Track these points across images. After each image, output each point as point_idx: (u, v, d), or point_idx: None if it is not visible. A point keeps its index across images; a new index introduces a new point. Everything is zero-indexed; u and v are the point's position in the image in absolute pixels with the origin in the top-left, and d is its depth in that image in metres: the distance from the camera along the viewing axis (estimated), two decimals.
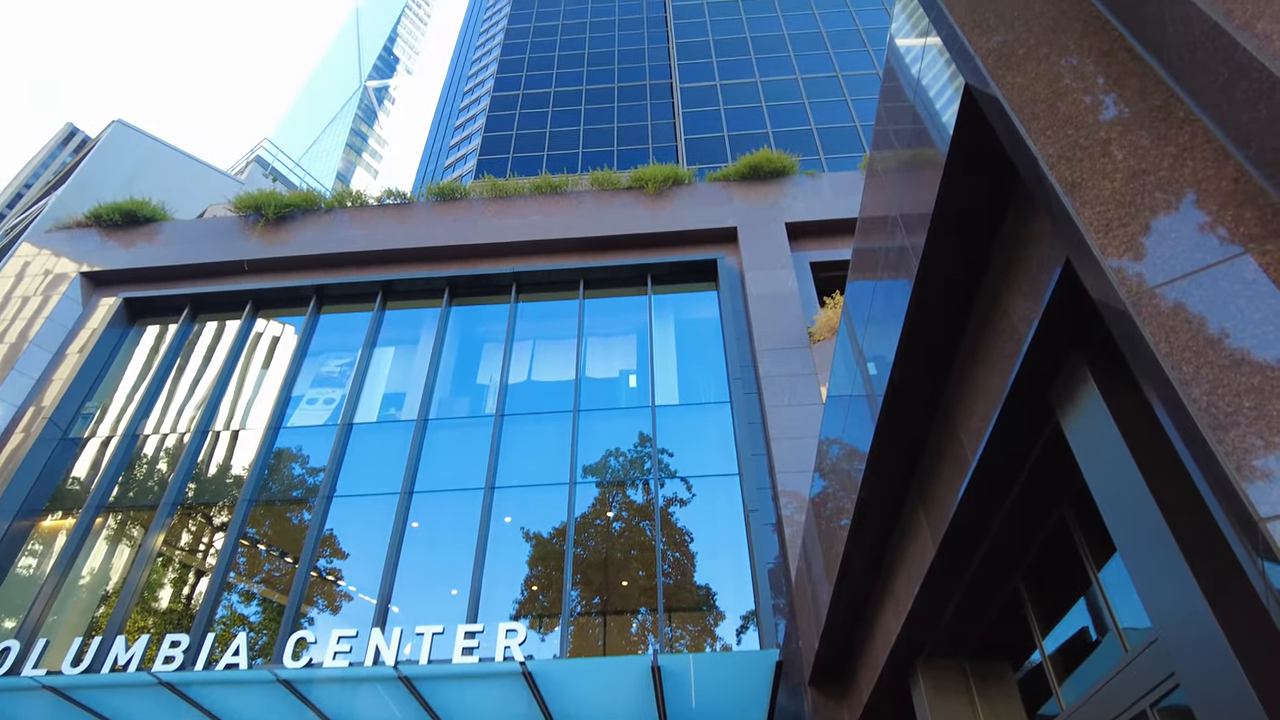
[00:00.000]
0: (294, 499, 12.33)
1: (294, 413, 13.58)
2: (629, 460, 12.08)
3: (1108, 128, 2.30)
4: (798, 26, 32.50)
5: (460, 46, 69.01)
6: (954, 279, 4.46)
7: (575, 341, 13.94)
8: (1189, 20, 2.03)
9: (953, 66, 3.43)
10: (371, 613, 10.09)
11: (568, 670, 7.79)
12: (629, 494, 11.72)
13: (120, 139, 20.86)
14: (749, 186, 15.73)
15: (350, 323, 14.95)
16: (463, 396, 13.84)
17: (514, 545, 11.20)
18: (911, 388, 5.14)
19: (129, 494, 12.93)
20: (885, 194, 5.22)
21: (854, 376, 6.36)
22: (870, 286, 6.16)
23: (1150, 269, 2.00)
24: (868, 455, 5.53)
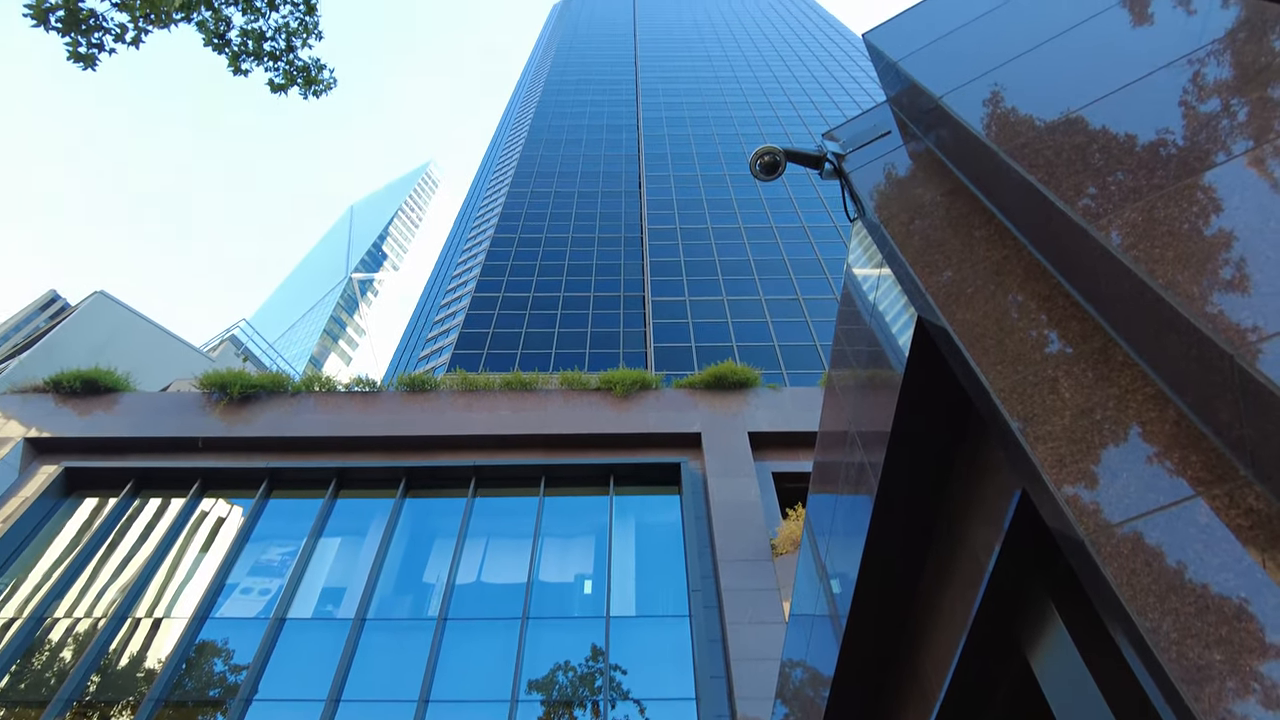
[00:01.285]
0: (210, 700, 11.15)
1: (225, 602, 12.66)
2: (579, 676, 11.27)
3: (1054, 365, 2.42)
4: (762, 254, 35.15)
5: (447, 249, 73.01)
6: (914, 499, 4.47)
7: (531, 541, 13.49)
8: (1118, 276, 2.21)
9: (904, 298, 3.66)
10: None
11: None
12: (576, 715, 10.80)
13: (98, 309, 21.10)
14: (714, 395, 16.12)
15: (300, 509, 14.40)
16: (406, 595, 13.09)
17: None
18: (876, 609, 4.97)
19: (19, 685, 11.62)
20: (845, 411, 5.36)
21: (817, 594, 6.17)
22: (832, 501, 6.16)
23: (1107, 506, 2.01)
24: (832, 680, 5.22)
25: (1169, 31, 2.94)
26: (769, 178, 4.19)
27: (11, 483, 14.86)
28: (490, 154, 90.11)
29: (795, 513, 13.08)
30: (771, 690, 10.36)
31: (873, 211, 3.76)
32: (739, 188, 43.38)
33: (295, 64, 6.37)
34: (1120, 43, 3.02)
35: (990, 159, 2.93)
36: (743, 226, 38.25)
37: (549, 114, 62.05)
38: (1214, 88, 2.45)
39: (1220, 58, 2.55)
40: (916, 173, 3.80)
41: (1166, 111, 2.51)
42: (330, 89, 6.67)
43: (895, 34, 4.15)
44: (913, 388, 3.75)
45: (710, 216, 39.83)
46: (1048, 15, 3.52)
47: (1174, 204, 2.17)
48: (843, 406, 5.66)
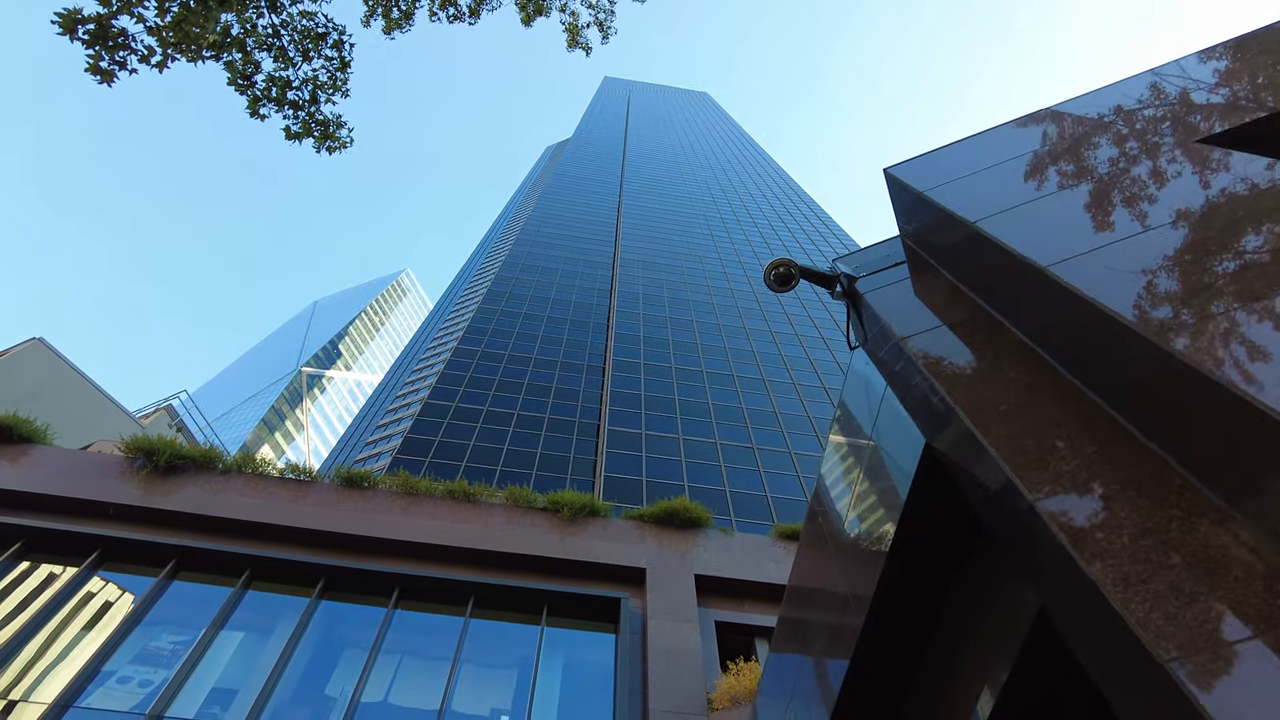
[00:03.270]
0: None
1: (96, 690, 11.26)
2: None
3: (1105, 484, 2.29)
4: (721, 399, 35.51)
5: (404, 357, 72.59)
6: (897, 647, 4.21)
7: (447, 664, 12.47)
8: (1182, 389, 2.12)
9: (916, 418, 3.56)
10: None
11: None
12: None
13: (32, 355, 20.02)
14: (663, 531, 15.64)
15: (206, 595, 13.19)
16: (305, 707, 11.83)
17: None
18: None
19: None
20: (824, 560, 5.13)
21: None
22: (796, 661, 5.82)
23: (1191, 627, 1.82)
24: None
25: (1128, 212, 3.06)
26: (782, 289, 4.17)
27: None
28: (465, 270, 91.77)
29: (736, 667, 12.38)
30: None
31: (889, 331, 3.72)
32: (705, 334, 44.42)
33: (316, 117, 6.36)
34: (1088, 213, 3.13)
35: (1028, 277, 2.92)
36: (705, 370, 38.82)
37: (530, 241, 63.85)
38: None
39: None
40: (935, 298, 3.81)
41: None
42: (346, 147, 6.62)
43: (918, 171, 4.29)
44: (918, 508, 3.59)
45: (675, 357, 40.43)
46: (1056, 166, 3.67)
47: (1242, 322, 2.13)
48: (820, 556, 5.45)
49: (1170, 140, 3.50)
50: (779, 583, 14.82)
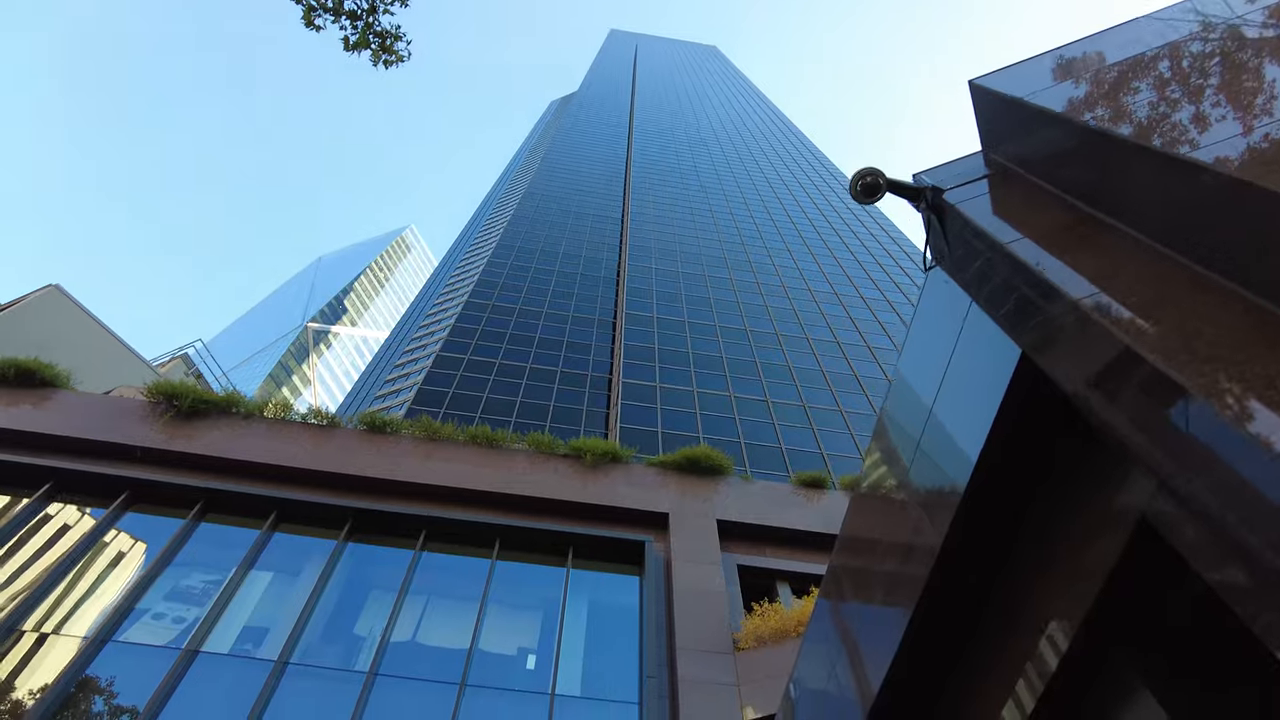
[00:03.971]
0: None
1: (132, 626, 11.42)
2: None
3: (1265, 364, 2.19)
4: (735, 353, 35.41)
5: (411, 312, 72.46)
6: (967, 583, 4.16)
7: (477, 605, 12.60)
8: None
9: (1013, 328, 3.46)
10: None
11: None
12: None
13: (49, 303, 19.98)
14: (684, 478, 15.68)
15: (234, 537, 13.31)
16: (336, 644, 12.01)
17: None
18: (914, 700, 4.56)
19: None
20: (894, 504, 5.06)
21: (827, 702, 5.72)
22: (855, 609, 5.82)
23: None
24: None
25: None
26: (868, 200, 4.04)
27: None
28: (470, 227, 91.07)
29: (760, 608, 12.50)
30: None
31: (987, 238, 3.60)
32: (717, 289, 44.16)
33: (374, 28, 6.13)
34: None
35: (1157, 171, 2.79)
36: (718, 325, 38.66)
37: (538, 196, 63.19)
38: None
39: None
40: (1031, 204, 3.68)
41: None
42: (403, 61, 6.40)
43: (1008, 80, 4.12)
44: (1006, 423, 3.51)
45: (688, 311, 40.24)
46: None
47: None
48: (882, 500, 5.39)
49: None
50: (800, 528, 14.91)
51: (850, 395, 32.88)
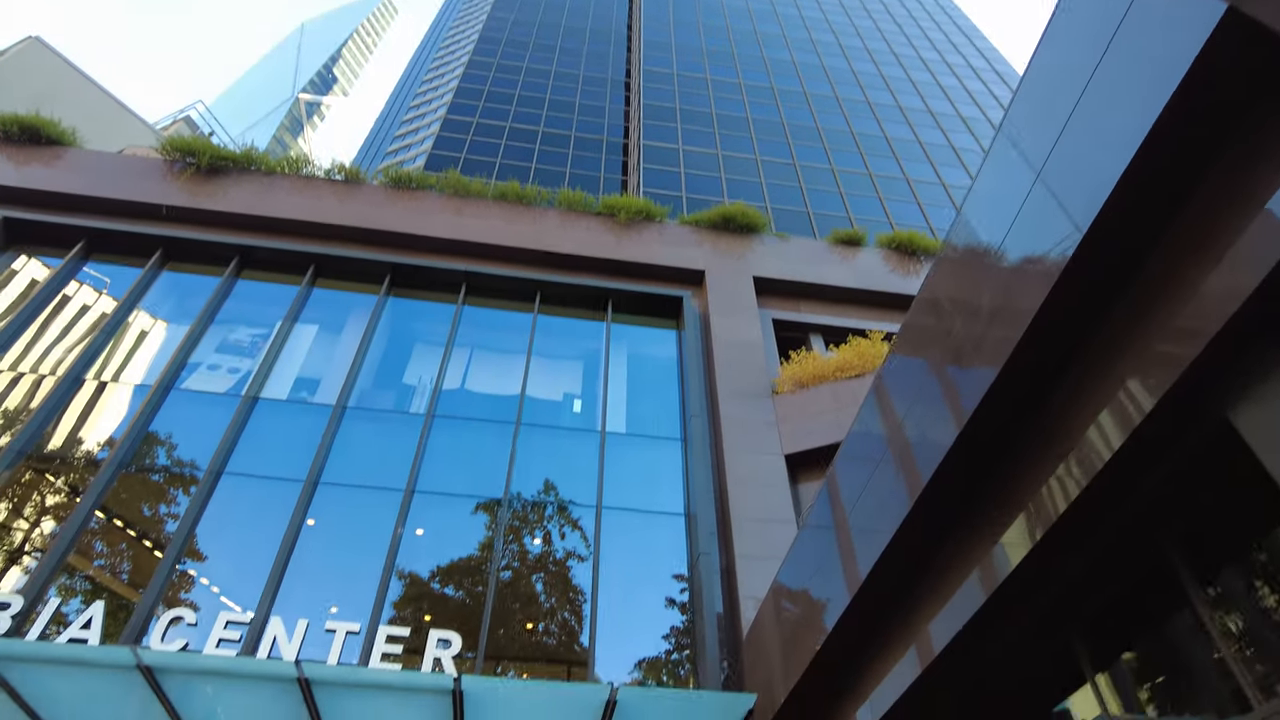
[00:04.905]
0: (177, 469, 10.48)
1: (190, 376, 11.79)
2: (570, 484, 10.99)
3: None
4: (761, 114, 33.62)
5: (409, 73, 68.13)
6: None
7: (517, 357, 12.90)
8: None
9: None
10: (266, 601, 8.43)
11: (508, 693, 6.54)
12: (567, 519, 10.59)
13: (33, 56, 18.61)
14: (719, 235, 15.42)
15: (272, 294, 13.36)
16: (389, 391, 12.48)
17: (432, 556, 9.83)
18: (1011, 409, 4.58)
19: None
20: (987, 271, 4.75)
21: (882, 441, 5.80)
22: (922, 365, 5.73)
23: None
24: (949, 448, 4.84)
25: None
26: None
27: None
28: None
29: (796, 355, 12.79)
30: (767, 513, 10.32)
31: None
32: (741, 43, 40.97)
33: None
34: None
35: None
36: (743, 83, 36.33)
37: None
38: None
39: None
40: None
41: None
42: None
43: None
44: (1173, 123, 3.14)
45: (710, 67, 37.65)
46: None
47: None
48: (975, 258, 5.08)
49: None
50: (834, 284, 14.90)
51: (880, 159, 31.57)
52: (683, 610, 9.72)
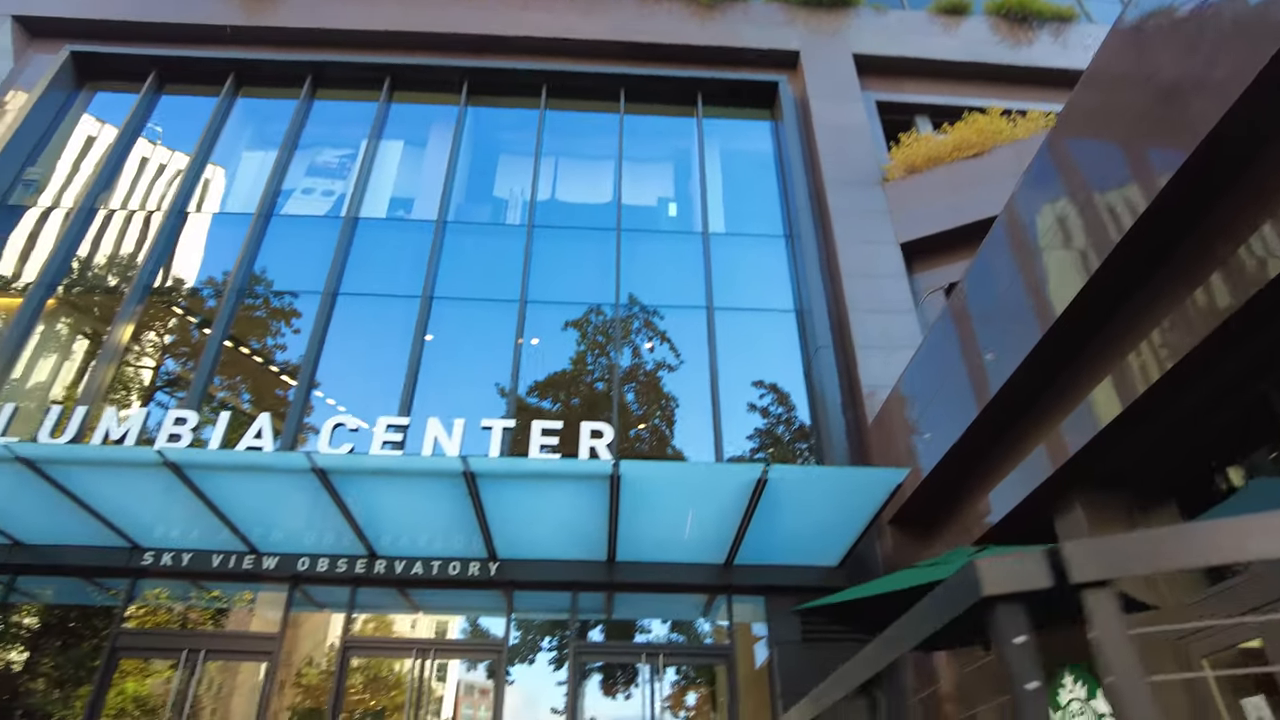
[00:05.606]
0: (291, 293, 10.70)
1: (287, 203, 11.76)
2: (677, 287, 10.85)
3: None
4: None
5: None
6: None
7: (607, 162, 12.40)
8: None
9: None
10: (413, 406, 8.85)
11: (663, 475, 6.78)
12: (678, 320, 10.53)
13: None
14: (810, 11, 14.02)
15: (351, 112, 12.95)
16: (484, 204, 12.26)
17: (550, 363, 10.03)
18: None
19: (88, 273, 11.09)
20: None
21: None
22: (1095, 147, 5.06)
23: None
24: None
25: None
26: None
27: (9, 70, 13.05)
28: None
29: (908, 138, 11.91)
30: (882, 305, 10.05)
31: None
32: None
33: None
34: None
35: None
36: None
37: None
38: None
39: None
40: None
41: None
42: None
43: None
44: None
45: None
46: None
47: None
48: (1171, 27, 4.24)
49: None
50: (940, 58, 13.60)
51: None
52: (803, 402, 9.79)
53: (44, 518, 7.77)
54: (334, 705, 7.70)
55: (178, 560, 8.25)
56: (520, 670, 8.29)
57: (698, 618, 9.06)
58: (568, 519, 7.47)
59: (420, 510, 7.42)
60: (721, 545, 7.78)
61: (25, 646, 9.02)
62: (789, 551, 7.96)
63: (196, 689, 8.05)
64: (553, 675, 8.30)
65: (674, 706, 8.33)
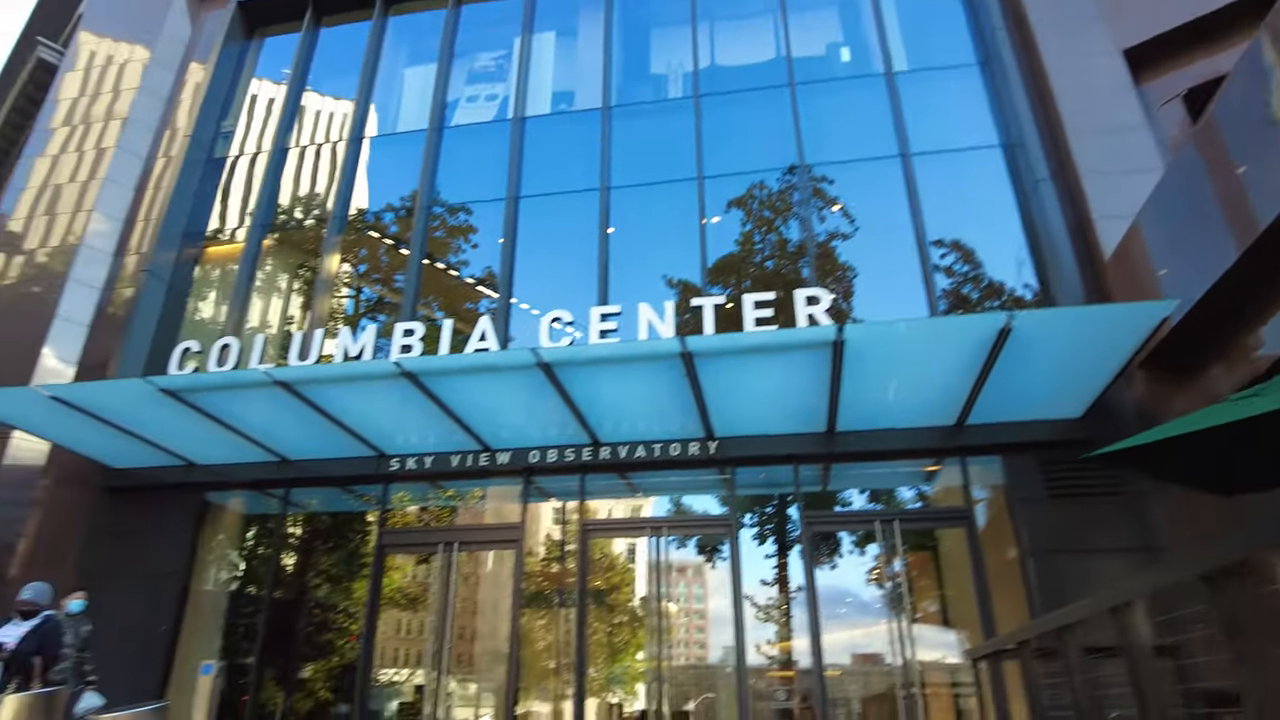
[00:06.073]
0: (473, 203, 10.92)
1: (454, 114, 11.88)
2: (862, 136, 10.01)
3: None
4: None
5: None
6: None
7: (764, 18, 11.50)
8: None
9: None
10: (609, 298, 8.97)
11: (891, 335, 6.38)
12: (868, 174, 9.76)
13: None
14: None
15: (498, 13, 12.72)
16: (644, 83, 11.79)
17: (737, 233, 9.71)
18: None
19: (294, 211, 11.88)
20: None
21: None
22: None
23: None
24: None
25: None
26: None
27: (188, 35, 13.87)
28: None
29: None
30: (1109, 121, 8.77)
31: None
32: None
33: None
34: None
35: None
36: None
37: None
38: None
39: None
40: None
41: None
42: None
43: None
44: None
45: None
46: None
47: None
48: None
49: None
50: None
51: None
52: (1020, 244, 8.88)
53: (303, 435, 8.60)
54: (580, 584, 8.20)
55: (421, 464, 8.94)
56: (746, 545, 8.42)
57: (922, 484, 8.76)
58: (785, 392, 7.29)
59: (638, 395, 7.49)
60: (952, 405, 7.34)
61: (305, 550, 10.27)
62: (1027, 406, 7.38)
63: (454, 576, 8.85)
64: (777, 549, 8.38)
65: (911, 572, 8.20)
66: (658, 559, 8.29)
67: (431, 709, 8.25)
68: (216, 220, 12.06)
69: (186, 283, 11.60)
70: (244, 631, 9.40)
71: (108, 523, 9.87)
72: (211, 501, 10.14)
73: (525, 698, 8.51)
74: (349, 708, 8.51)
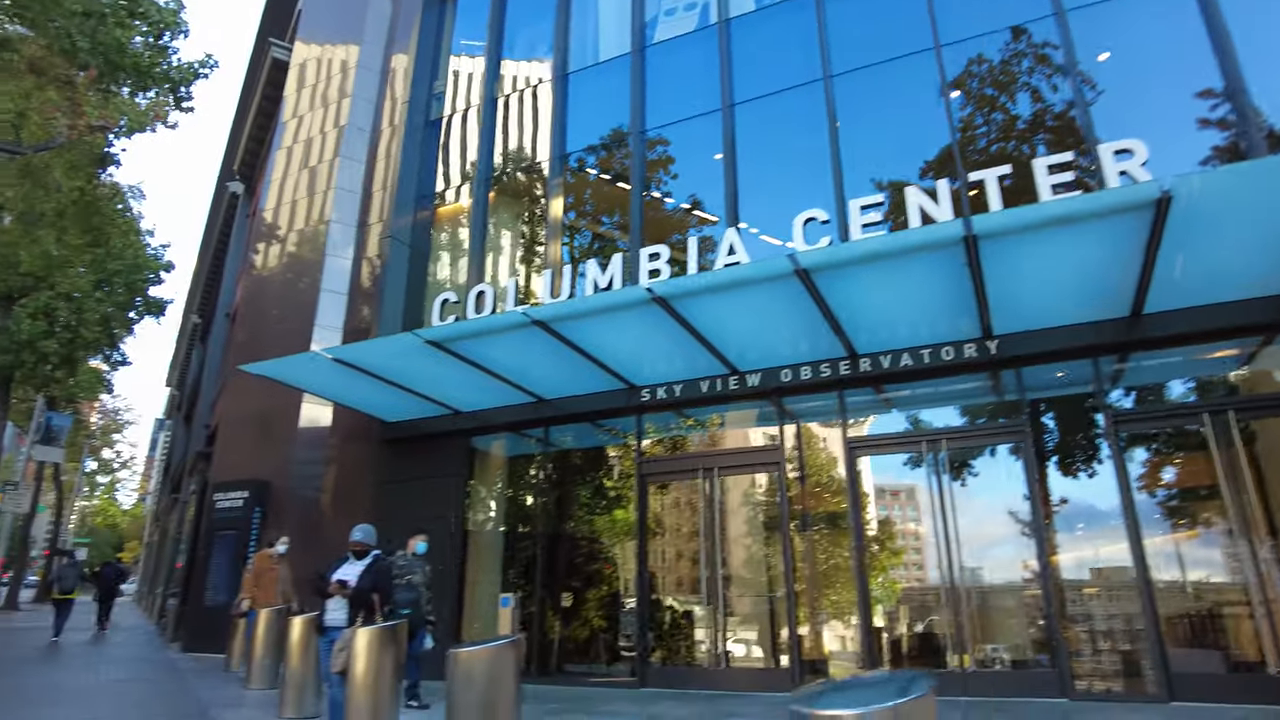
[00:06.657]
0: (689, 119, 10.42)
1: (654, 31, 11.38)
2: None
3: None
4: None
5: None
6: None
7: None
8: None
9: None
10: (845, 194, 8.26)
11: (1234, 184, 5.13)
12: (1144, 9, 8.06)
13: None
14: None
15: None
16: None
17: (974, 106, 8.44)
18: None
19: (513, 159, 12.08)
20: None
21: None
22: None
23: None
24: None
25: None
26: None
27: (390, 8, 14.42)
28: None
29: None
30: None
31: None
32: None
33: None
34: None
35: None
36: None
37: None
38: None
39: None
40: None
41: None
42: None
43: None
44: None
45: None
46: None
47: None
48: None
49: None
50: None
51: None
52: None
53: (558, 373, 8.74)
54: (854, 501, 7.74)
55: (670, 392, 8.83)
56: (1038, 453, 7.47)
57: (1246, 366, 7.27)
58: (1082, 274, 6.23)
59: (904, 297, 6.77)
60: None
61: (565, 486, 10.63)
62: None
63: (717, 501, 8.73)
64: (1076, 456, 7.36)
65: (1240, 474, 6.87)
66: (937, 474, 7.61)
67: (709, 633, 8.27)
68: (442, 180, 12.56)
69: (425, 242, 12.25)
70: (522, 566, 9.95)
71: (389, 472, 10.80)
72: (476, 447, 10.76)
73: (802, 621, 8.28)
74: (629, 635, 8.75)
